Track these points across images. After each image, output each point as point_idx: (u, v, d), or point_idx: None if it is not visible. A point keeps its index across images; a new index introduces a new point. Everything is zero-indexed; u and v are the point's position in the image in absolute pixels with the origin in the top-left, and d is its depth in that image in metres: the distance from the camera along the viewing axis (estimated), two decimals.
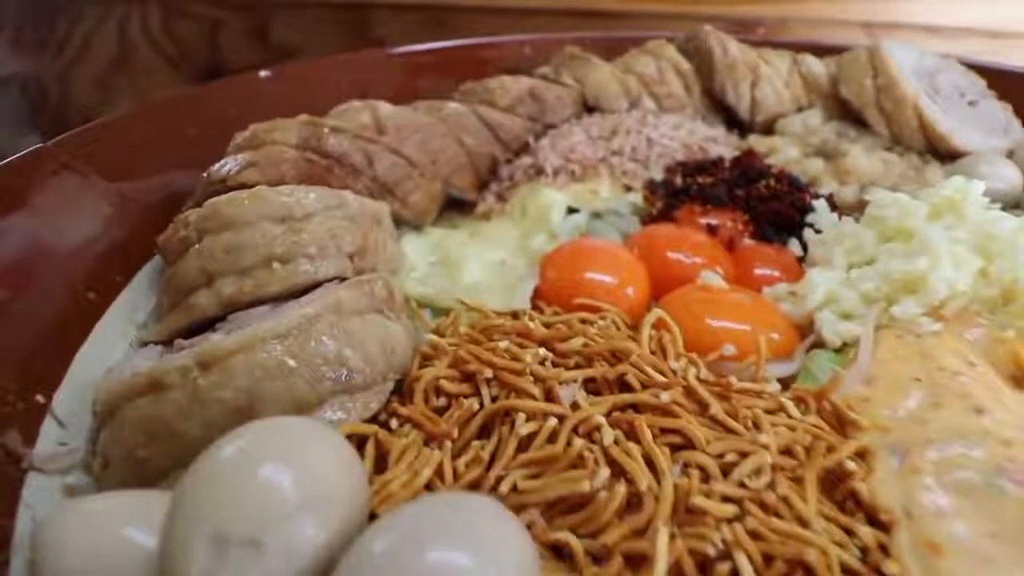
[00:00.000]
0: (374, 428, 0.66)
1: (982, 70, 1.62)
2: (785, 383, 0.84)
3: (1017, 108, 1.56)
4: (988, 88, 1.58)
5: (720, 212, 1.24)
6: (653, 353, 0.81)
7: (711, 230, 1.18)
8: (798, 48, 1.81)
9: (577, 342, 0.76)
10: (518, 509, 0.56)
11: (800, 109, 1.62)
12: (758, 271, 1.10)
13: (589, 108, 1.72)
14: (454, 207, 1.45)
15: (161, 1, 3.12)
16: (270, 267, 0.83)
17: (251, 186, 0.94)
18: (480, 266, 1.15)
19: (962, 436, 0.62)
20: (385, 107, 1.27)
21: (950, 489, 0.58)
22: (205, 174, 1.01)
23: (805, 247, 1.14)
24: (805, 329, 0.92)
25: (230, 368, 0.63)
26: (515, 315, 0.98)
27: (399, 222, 1.26)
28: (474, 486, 0.61)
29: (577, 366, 0.75)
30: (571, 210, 1.34)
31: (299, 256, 0.84)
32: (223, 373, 0.63)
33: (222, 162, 1.02)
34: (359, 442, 0.66)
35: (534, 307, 1.02)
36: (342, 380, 0.66)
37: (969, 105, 1.51)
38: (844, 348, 0.85)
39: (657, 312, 0.89)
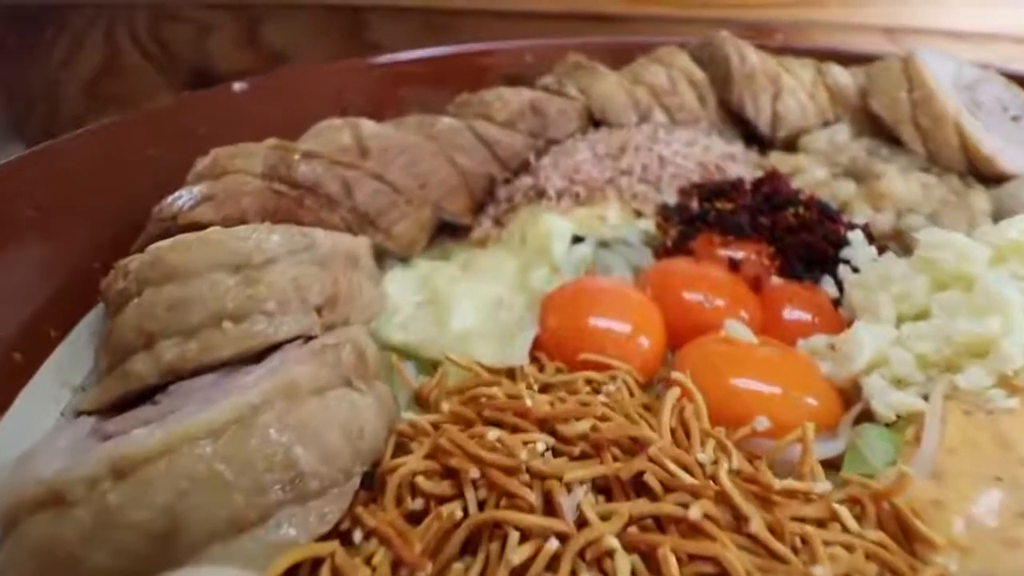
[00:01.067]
0: (331, 547, 0.53)
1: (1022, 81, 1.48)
2: (830, 463, 0.71)
3: None
4: None
5: (743, 243, 1.11)
6: (674, 432, 0.68)
7: (734, 265, 1.05)
8: (821, 55, 1.68)
9: (584, 425, 0.63)
10: None
11: (826, 124, 1.49)
12: (789, 316, 0.97)
13: (595, 122, 1.59)
14: (446, 232, 1.32)
15: (149, 5, 3.00)
16: (219, 327, 0.70)
17: (205, 225, 0.81)
18: (473, 307, 1.02)
19: None
20: (368, 125, 1.14)
21: None
22: (156, 209, 0.88)
23: (840, 286, 1.01)
24: (849, 394, 0.79)
25: (149, 479, 0.50)
26: (511, 373, 0.85)
27: (383, 254, 1.14)
28: None
29: (583, 455, 0.62)
30: (576, 239, 1.21)
31: (255, 313, 0.71)
32: (140, 486, 0.50)
33: (176, 195, 0.89)
34: (313, 565, 0.53)
35: (535, 359, 0.90)
36: (292, 487, 0.54)
37: (1012, 121, 1.37)
38: (898, 421, 0.72)
39: (678, 376, 0.76)
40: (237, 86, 1.29)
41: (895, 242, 1.20)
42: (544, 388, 0.81)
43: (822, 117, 1.49)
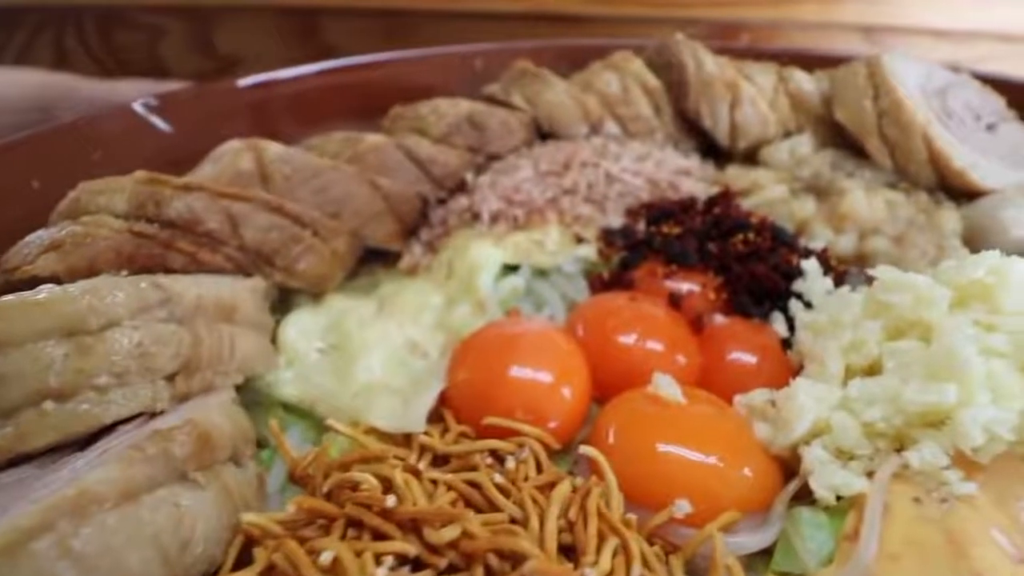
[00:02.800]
0: None
1: (1001, 84, 1.37)
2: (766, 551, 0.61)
3: None
4: (1008, 107, 1.34)
5: (688, 273, 1.01)
6: (573, 525, 0.57)
7: (674, 301, 0.94)
8: (787, 57, 1.56)
9: (453, 532, 0.52)
10: None
11: (788, 134, 1.38)
12: (731, 361, 0.86)
13: (544, 134, 1.48)
14: (378, 258, 1.21)
15: (97, 9, 2.88)
16: (39, 407, 0.59)
17: (47, 280, 0.70)
18: (383, 354, 0.91)
19: None
20: (273, 148, 1.03)
21: None
22: (4, 258, 0.77)
23: (792, 323, 0.90)
24: (790, 463, 0.68)
25: None
26: (408, 439, 0.75)
27: (293, 292, 1.03)
28: None
29: (452, 568, 0.51)
30: (510, 268, 1.10)
31: (84, 389, 0.61)
32: None
33: (25, 241, 0.78)
34: None
35: (441, 419, 0.79)
36: None
37: (987, 130, 1.27)
38: (840, 503, 0.61)
39: (587, 451, 0.66)
40: (138, 104, 1.17)
41: (857, 266, 1.10)
42: (441, 460, 0.71)
43: (784, 127, 1.38)
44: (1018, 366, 0.61)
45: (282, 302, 1.05)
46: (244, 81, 1.39)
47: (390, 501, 0.54)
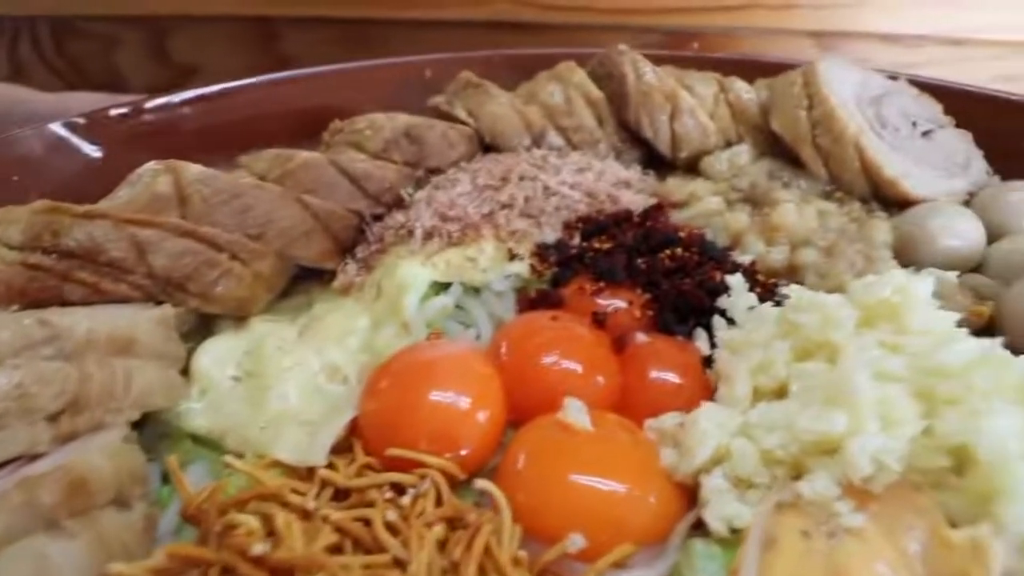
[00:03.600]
0: None
1: (939, 90, 1.38)
2: None
3: (980, 133, 1.33)
4: (945, 113, 1.34)
5: (616, 290, 1.00)
6: (456, 565, 0.55)
7: (598, 320, 0.93)
8: (734, 66, 1.56)
9: None
10: None
11: (730, 144, 1.38)
12: (651, 380, 0.85)
13: (487, 147, 1.47)
14: (315, 277, 1.19)
15: (51, 19, 2.83)
16: None
17: None
18: (300, 381, 0.89)
19: None
20: (192, 169, 1.00)
21: None
22: None
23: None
24: (695, 489, 0.67)
25: None
26: (311, 472, 0.73)
27: (213, 317, 1.00)
28: None
29: None
30: (444, 285, 1.09)
31: None
32: None
33: None
34: None
35: (346, 449, 0.77)
36: None
37: (923, 137, 1.27)
38: (735, 536, 0.60)
39: (483, 485, 0.65)
40: (60, 124, 1.14)
41: (789, 279, 1.10)
42: (343, 494, 0.69)
43: (725, 136, 1.37)
44: (914, 390, 0.60)
45: (205, 327, 1.04)
46: (179, 96, 1.36)
47: (258, 548, 0.52)
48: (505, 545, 0.59)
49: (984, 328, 0.98)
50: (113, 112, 1.24)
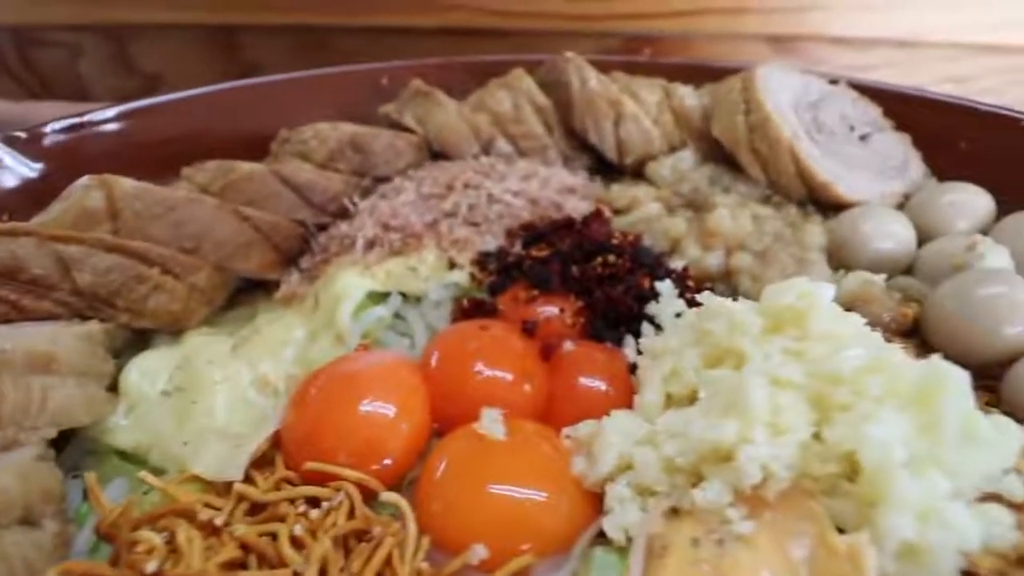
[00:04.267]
0: None
1: (880, 93, 1.40)
2: None
3: (921, 135, 1.35)
4: (885, 115, 1.37)
5: (550, 298, 1.00)
6: None
7: (527, 329, 0.94)
8: (685, 71, 1.58)
9: None
10: None
11: (674, 149, 1.39)
12: (577, 387, 0.86)
13: (437, 154, 1.48)
14: (260, 288, 1.19)
15: (12, 28, 2.81)
16: None
17: None
18: (229, 394, 0.89)
19: None
20: (125, 184, 1.00)
21: None
22: None
23: None
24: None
25: None
26: (229, 487, 0.73)
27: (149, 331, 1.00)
28: None
29: None
30: (384, 296, 1.09)
31: None
32: None
33: None
34: None
35: (270, 463, 0.77)
36: None
37: (861, 140, 1.29)
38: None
39: (389, 497, 0.65)
40: None
41: (725, 284, 1.11)
42: (259, 508, 0.70)
43: (670, 142, 1.39)
44: (809, 397, 0.61)
45: (144, 342, 1.03)
46: (124, 108, 1.35)
47: (151, 566, 0.53)
48: (408, 557, 0.59)
49: (913, 329, 1.00)
50: (55, 126, 1.23)
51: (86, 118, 1.28)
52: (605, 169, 1.48)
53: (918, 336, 0.97)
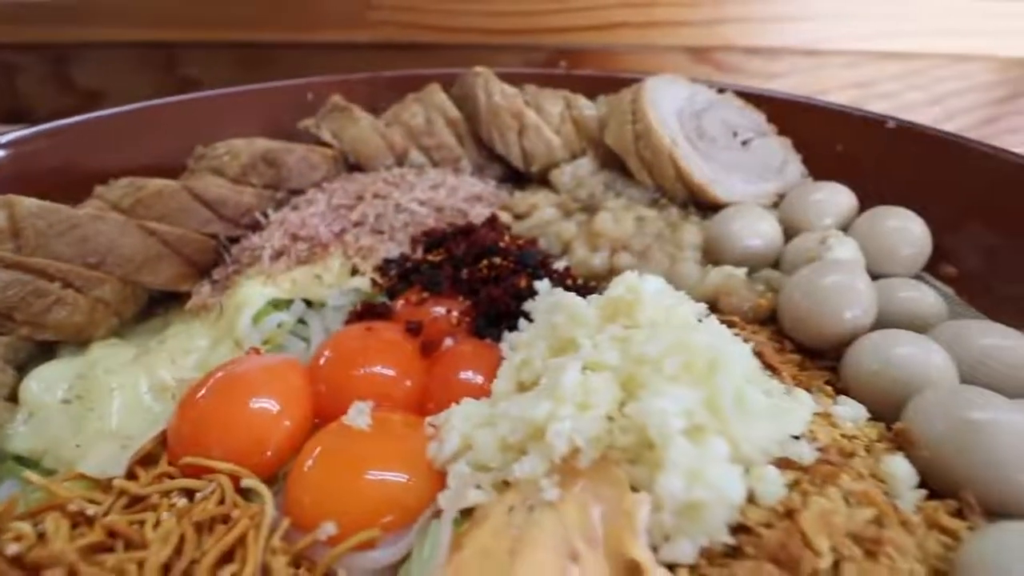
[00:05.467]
0: None
1: (768, 101, 1.51)
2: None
3: (802, 139, 1.46)
4: (770, 122, 1.47)
5: (440, 299, 1.08)
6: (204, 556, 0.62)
7: (411, 329, 1.01)
8: (597, 83, 1.67)
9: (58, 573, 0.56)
10: None
11: (576, 157, 1.48)
12: (452, 380, 0.93)
13: (353, 166, 1.54)
14: (174, 300, 1.24)
15: None
16: None
17: None
18: (125, 401, 0.94)
19: None
20: (27, 203, 1.05)
21: None
22: None
23: None
24: None
25: None
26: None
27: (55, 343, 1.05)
28: None
29: None
30: (283, 304, 1.15)
31: None
32: None
33: None
34: None
35: (158, 462, 0.83)
36: None
37: (743, 145, 1.39)
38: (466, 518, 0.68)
39: (250, 484, 0.71)
40: None
41: (608, 282, 1.19)
42: (139, 502, 0.75)
43: (571, 150, 1.47)
44: (620, 378, 0.69)
45: (51, 353, 1.08)
46: (39, 128, 1.39)
47: (12, 548, 0.58)
48: (263, 536, 0.66)
49: (771, 317, 1.09)
50: None
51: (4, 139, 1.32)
52: (516, 177, 1.56)
53: (775, 323, 1.06)
